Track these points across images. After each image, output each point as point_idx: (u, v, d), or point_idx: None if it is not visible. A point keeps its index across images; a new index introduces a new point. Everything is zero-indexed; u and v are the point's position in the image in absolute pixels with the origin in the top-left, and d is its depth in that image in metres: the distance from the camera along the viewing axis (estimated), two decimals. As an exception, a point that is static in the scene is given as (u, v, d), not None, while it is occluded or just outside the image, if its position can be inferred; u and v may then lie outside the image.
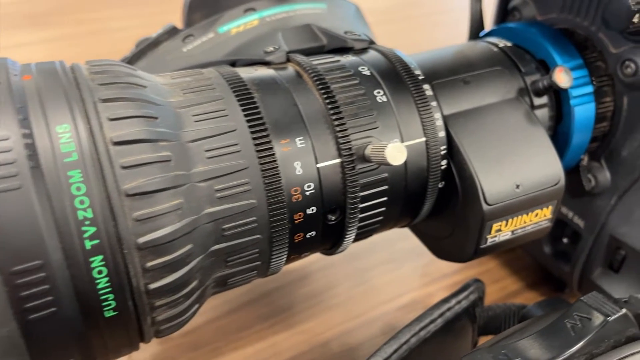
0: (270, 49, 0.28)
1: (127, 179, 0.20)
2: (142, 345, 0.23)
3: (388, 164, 0.24)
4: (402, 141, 0.27)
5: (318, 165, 0.25)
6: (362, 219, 0.27)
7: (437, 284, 0.43)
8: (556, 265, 0.39)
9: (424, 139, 0.27)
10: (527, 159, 0.28)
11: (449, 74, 0.29)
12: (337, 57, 0.28)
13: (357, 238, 0.28)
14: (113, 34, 0.79)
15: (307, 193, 0.25)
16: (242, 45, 0.30)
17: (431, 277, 0.43)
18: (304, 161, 0.24)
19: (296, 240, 0.26)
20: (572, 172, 0.35)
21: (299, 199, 0.24)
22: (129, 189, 0.20)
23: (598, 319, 0.21)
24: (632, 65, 0.31)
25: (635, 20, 0.29)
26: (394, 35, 0.77)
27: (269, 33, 0.30)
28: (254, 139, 0.23)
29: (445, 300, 0.31)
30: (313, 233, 0.26)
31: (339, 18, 0.32)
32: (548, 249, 0.39)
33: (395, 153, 0.24)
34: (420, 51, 0.32)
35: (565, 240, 0.39)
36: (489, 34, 0.35)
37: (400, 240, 0.45)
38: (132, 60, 0.33)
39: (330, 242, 0.28)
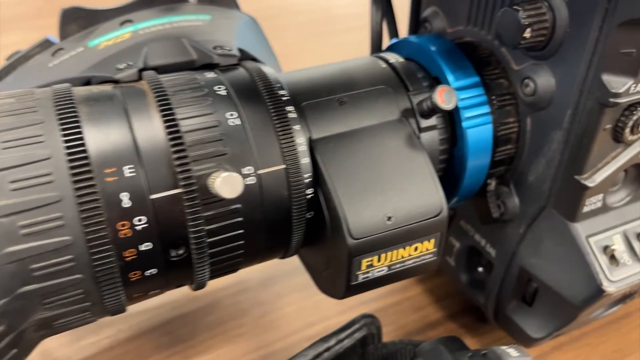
0: (123, 65, 0.26)
1: None
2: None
3: (222, 197, 0.22)
4: (258, 169, 0.24)
5: (152, 197, 0.22)
6: (214, 254, 0.24)
7: (354, 312, 0.40)
8: (473, 295, 0.36)
9: (283, 166, 0.25)
10: (402, 187, 0.25)
11: (324, 94, 0.27)
12: (194, 75, 0.26)
13: (219, 273, 0.26)
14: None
15: (139, 228, 0.22)
16: (102, 61, 0.27)
17: (348, 305, 0.40)
18: (134, 192, 0.22)
19: (133, 279, 0.23)
20: (481, 197, 0.32)
21: (128, 235, 0.22)
22: None
23: (433, 379, 0.18)
24: (531, 84, 0.28)
25: (526, 35, 0.26)
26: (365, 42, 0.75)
27: (134, 48, 0.28)
28: (71, 168, 0.21)
29: (324, 339, 0.28)
30: (154, 271, 0.23)
31: (221, 31, 0.30)
32: (464, 278, 0.37)
33: (226, 185, 0.21)
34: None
35: (480, 269, 0.36)
36: (390, 47, 0.33)
37: (321, 264, 0.42)
38: (1, 74, 0.31)
39: (186, 278, 0.25)
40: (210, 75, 0.26)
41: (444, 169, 0.30)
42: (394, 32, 0.36)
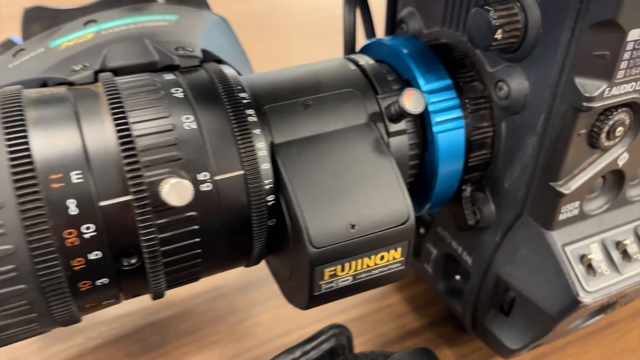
0: (79, 67, 0.25)
1: None
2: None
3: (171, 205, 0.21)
4: (214, 175, 0.23)
5: (101, 204, 0.21)
6: (169, 263, 0.23)
7: (331, 319, 0.39)
8: (450, 303, 0.35)
9: (241, 172, 0.24)
10: (367, 194, 0.24)
11: (288, 97, 0.26)
12: (153, 77, 0.25)
13: (177, 283, 0.25)
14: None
15: (87, 236, 0.21)
16: (61, 62, 0.27)
17: (326, 313, 0.39)
18: (81, 199, 0.21)
19: (83, 289, 0.22)
20: (457, 203, 0.31)
21: (76, 243, 0.21)
22: None
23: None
24: (505, 87, 0.27)
25: (497, 36, 0.25)
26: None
27: (95, 48, 0.27)
28: (13, 173, 0.20)
29: (289, 350, 0.27)
30: (105, 280, 0.23)
31: (187, 32, 0.29)
32: (442, 286, 0.36)
33: (175, 192, 0.21)
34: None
35: (458, 277, 0.35)
36: (363, 49, 0.32)
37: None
38: (-38, 76, 0.30)
39: (141, 287, 0.24)
40: (169, 77, 0.25)
41: (416, 175, 0.29)
42: (370, 33, 0.35)
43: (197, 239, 0.23)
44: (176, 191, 0.21)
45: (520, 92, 0.27)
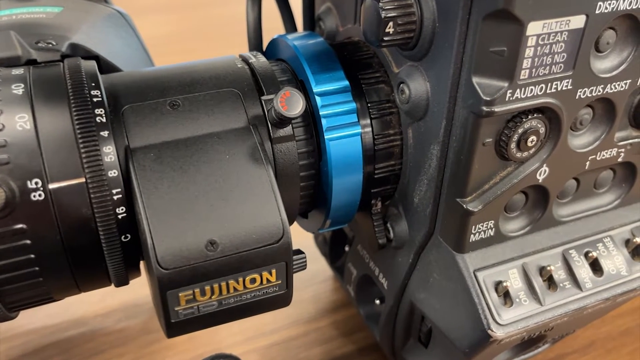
0: None
1: None
2: None
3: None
4: (48, 182, 0.20)
5: None
6: (2, 282, 0.20)
7: (251, 343, 0.36)
8: (372, 330, 0.32)
9: (82, 179, 0.21)
10: (234, 208, 0.21)
11: (153, 96, 0.23)
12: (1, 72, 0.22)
13: (21, 304, 0.22)
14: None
15: None
16: None
17: (245, 336, 0.36)
18: None
19: None
20: (370, 219, 0.28)
21: None
22: None
23: None
24: (406, 90, 0.24)
25: (389, 30, 0.22)
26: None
27: (-47, 41, 0.24)
28: None
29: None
30: None
31: (64, 25, 0.26)
32: (362, 311, 0.32)
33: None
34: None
35: (377, 301, 0.32)
36: (268, 47, 0.29)
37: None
38: None
39: (-25, 308, 0.21)
40: (17, 72, 0.22)
41: (313, 186, 0.26)
42: (291, 30, 0.32)
43: (31, 255, 0.21)
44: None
45: (421, 95, 0.23)
